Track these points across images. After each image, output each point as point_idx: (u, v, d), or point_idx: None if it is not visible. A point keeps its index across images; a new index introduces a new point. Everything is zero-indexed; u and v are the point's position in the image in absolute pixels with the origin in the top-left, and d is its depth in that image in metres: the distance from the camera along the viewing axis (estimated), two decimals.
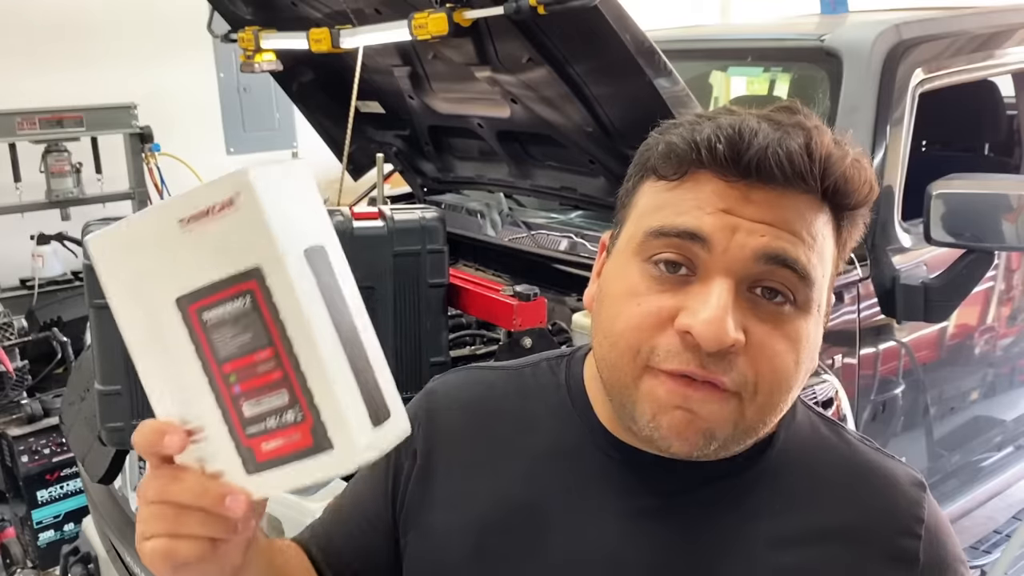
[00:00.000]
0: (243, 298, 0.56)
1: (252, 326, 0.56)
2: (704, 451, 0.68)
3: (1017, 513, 2.57)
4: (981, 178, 1.89)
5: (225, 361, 0.57)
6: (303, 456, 0.57)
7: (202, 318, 0.57)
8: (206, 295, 0.57)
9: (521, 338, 1.57)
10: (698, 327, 0.64)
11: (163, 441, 0.59)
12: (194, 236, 0.56)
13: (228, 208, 0.55)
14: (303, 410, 0.56)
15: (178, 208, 0.56)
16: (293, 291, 0.55)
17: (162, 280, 0.57)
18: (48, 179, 3.57)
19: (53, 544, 2.85)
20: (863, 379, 1.86)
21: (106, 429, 1.54)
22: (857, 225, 0.71)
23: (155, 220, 0.57)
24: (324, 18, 2.10)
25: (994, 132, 2.86)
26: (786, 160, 0.65)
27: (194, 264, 0.56)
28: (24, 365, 3.06)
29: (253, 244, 0.55)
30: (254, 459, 0.58)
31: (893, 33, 2.01)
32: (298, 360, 0.56)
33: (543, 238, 2.12)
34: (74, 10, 3.90)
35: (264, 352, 0.56)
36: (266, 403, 0.57)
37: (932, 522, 0.76)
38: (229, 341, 0.57)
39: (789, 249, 0.65)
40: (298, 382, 0.56)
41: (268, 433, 0.57)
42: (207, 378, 0.58)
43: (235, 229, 0.55)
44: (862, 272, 1.83)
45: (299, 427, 0.57)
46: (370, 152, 2.52)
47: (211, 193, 0.55)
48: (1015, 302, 2.37)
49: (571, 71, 1.71)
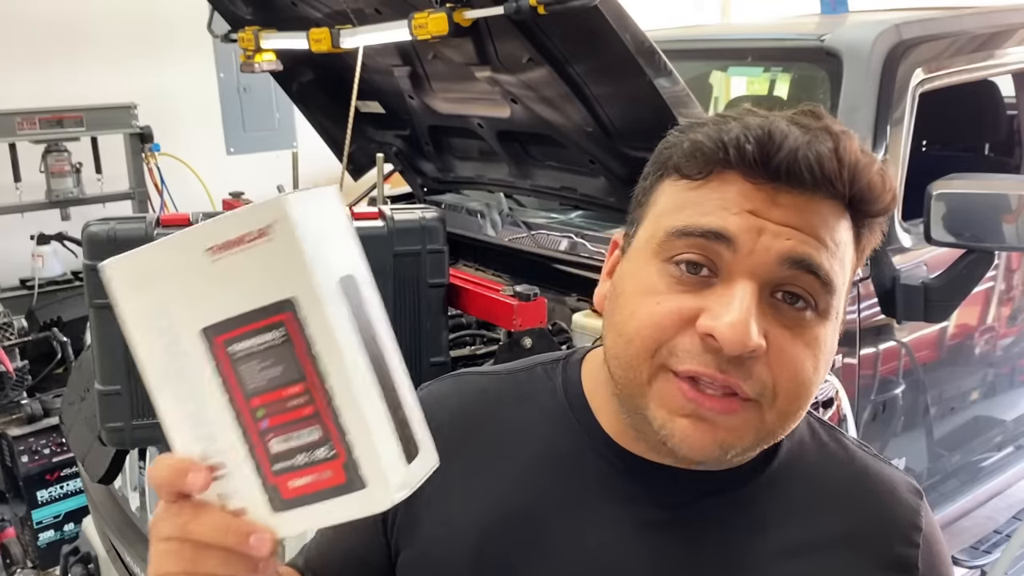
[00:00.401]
0: (275, 330, 0.54)
1: (284, 359, 0.54)
2: (720, 460, 0.68)
3: (1017, 513, 2.57)
4: (981, 178, 1.89)
5: (253, 395, 0.55)
6: (333, 494, 0.55)
7: (229, 350, 0.55)
8: (234, 327, 0.54)
9: (521, 338, 1.57)
10: (721, 330, 0.62)
11: (185, 479, 0.56)
12: (223, 265, 0.53)
13: (261, 238, 0.52)
14: (336, 447, 0.54)
15: (206, 236, 0.54)
16: (328, 324, 0.53)
17: (186, 310, 0.55)
18: (48, 179, 3.57)
19: (53, 544, 2.85)
20: (863, 379, 1.86)
21: (106, 429, 1.54)
22: (875, 233, 0.71)
23: (180, 248, 0.55)
24: (324, 18, 2.11)
25: (994, 132, 2.86)
26: (816, 164, 0.64)
27: (222, 294, 0.54)
28: (24, 365, 3.06)
29: (288, 276, 0.52)
30: (280, 497, 0.56)
31: (893, 33, 2.01)
32: (332, 395, 0.54)
33: (543, 238, 2.12)
34: (74, 10, 3.91)
35: (296, 386, 0.54)
36: (296, 439, 0.55)
37: (929, 531, 0.76)
38: (258, 374, 0.55)
39: (814, 255, 0.65)
40: (331, 418, 0.54)
41: (297, 470, 0.55)
42: (233, 412, 0.56)
43: (269, 260, 0.52)
44: (862, 272, 1.83)
45: (331, 464, 0.55)
46: (370, 152, 2.52)
47: (243, 222, 0.53)
48: (1015, 302, 2.37)
49: (571, 71, 1.71)
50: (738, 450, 0.67)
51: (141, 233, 1.48)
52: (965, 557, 2.30)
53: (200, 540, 0.56)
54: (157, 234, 1.49)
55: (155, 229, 1.52)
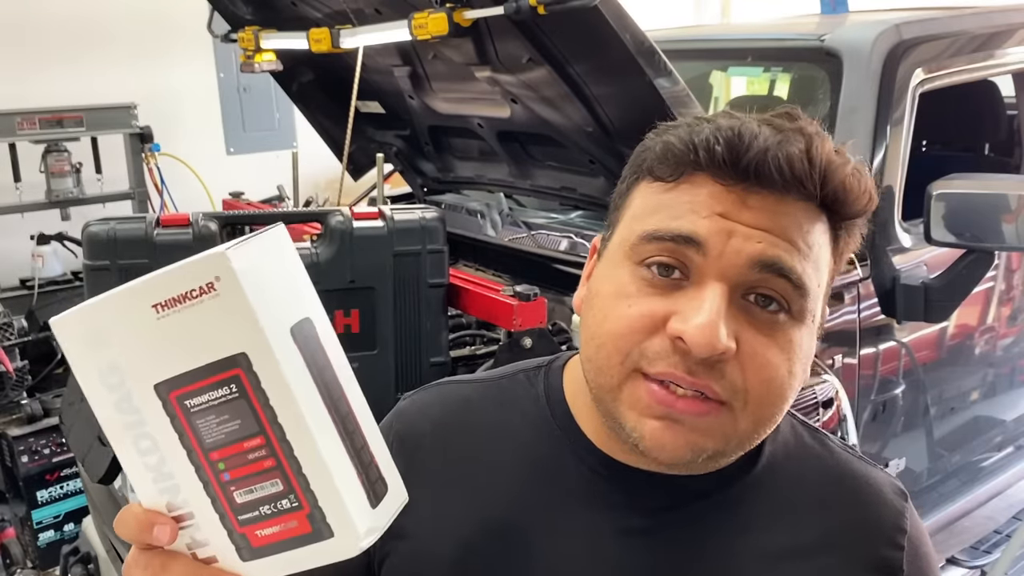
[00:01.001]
0: (228, 385, 0.52)
1: (240, 413, 0.53)
2: (692, 463, 0.67)
3: (1017, 513, 2.57)
4: (981, 178, 1.89)
5: (212, 449, 0.54)
6: (302, 543, 0.55)
7: (184, 405, 0.53)
8: (187, 382, 0.53)
9: (521, 338, 1.57)
10: (690, 332, 0.62)
11: (152, 532, 0.55)
12: (170, 322, 0.52)
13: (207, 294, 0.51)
14: (299, 498, 0.54)
15: (150, 293, 0.52)
16: (282, 377, 0.52)
17: (137, 366, 0.54)
18: (48, 179, 3.57)
19: (53, 544, 2.85)
20: (863, 379, 1.86)
21: None
22: (854, 235, 0.70)
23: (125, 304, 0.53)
24: (324, 18, 2.11)
25: (994, 132, 2.86)
26: (786, 164, 0.63)
27: (172, 350, 0.53)
28: (24, 365, 3.05)
29: (237, 331, 0.51)
30: (249, 546, 0.56)
31: (893, 33, 2.01)
32: (291, 447, 0.53)
33: (543, 238, 2.12)
34: (74, 10, 3.90)
35: (254, 440, 0.53)
36: (259, 491, 0.54)
37: (914, 532, 0.76)
38: (215, 428, 0.53)
39: (785, 258, 0.64)
40: (292, 469, 0.53)
41: (263, 520, 0.55)
42: (193, 466, 0.55)
43: (216, 315, 0.51)
44: (862, 272, 1.83)
45: (295, 515, 0.54)
46: (370, 152, 2.52)
47: (186, 277, 0.51)
48: (1015, 302, 2.37)
49: (571, 71, 1.71)
50: (708, 452, 0.66)
51: (141, 233, 1.48)
52: (965, 557, 2.30)
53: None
54: (157, 234, 1.49)
55: (155, 229, 1.52)
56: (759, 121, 0.66)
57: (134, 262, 1.42)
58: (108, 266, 1.44)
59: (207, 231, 1.47)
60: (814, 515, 0.74)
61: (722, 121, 0.66)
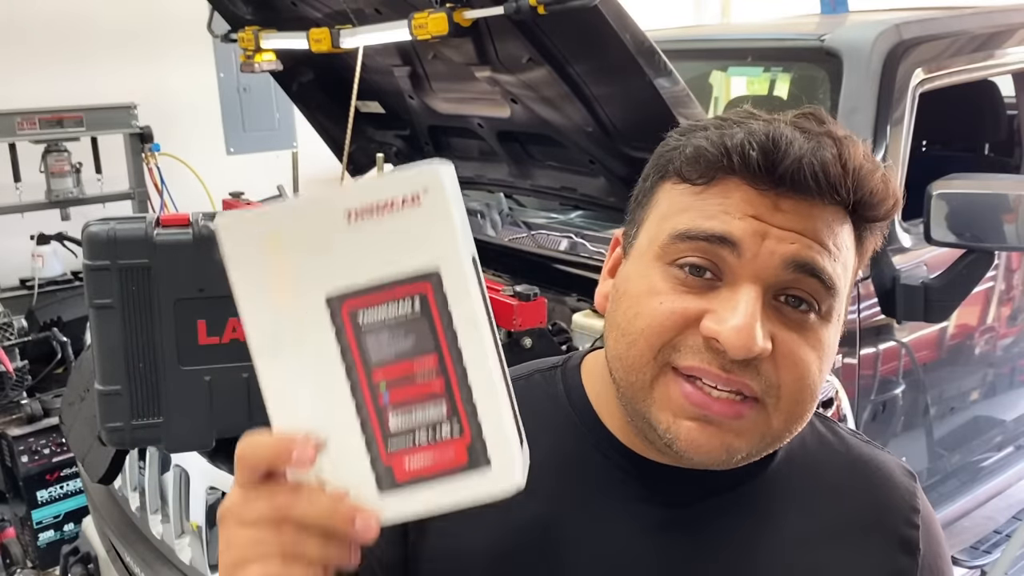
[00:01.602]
0: (411, 301, 0.51)
1: (417, 331, 0.52)
2: (727, 463, 0.68)
3: (1017, 513, 2.57)
4: (981, 178, 1.89)
5: (376, 367, 0.52)
6: (453, 475, 0.52)
7: (356, 319, 0.52)
8: (367, 294, 0.52)
9: (521, 338, 1.57)
10: (726, 334, 0.62)
11: (291, 454, 0.52)
12: (362, 231, 0.51)
13: (411, 204, 0.50)
14: (463, 425, 0.52)
15: (347, 199, 0.51)
16: (471, 298, 0.51)
17: (312, 275, 0.52)
18: (48, 179, 3.57)
19: (53, 544, 2.85)
20: (863, 379, 1.86)
21: (106, 429, 1.54)
22: (877, 236, 0.71)
23: (314, 210, 0.52)
24: (324, 18, 2.11)
25: (994, 132, 2.86)
26: (821, 171, 0.64)
27: (357, 261, 0.51)
28: (24, 365, 3.06)
29: (436, 245, 0.51)
30: (392, 477, 0.53)
31: (893, 33, 2.01)
32: (466, 371, 0.52)
33: (543, 238, 2.12)
34: (74, 10, 3.90)
35: (427, 360, 0.52)
36: (419, 415, 0.52)
37: (926, 512, 0.78)
38: (385, 346, 0.52)
39: (817, 259, 0.65)
40: (461, 396, 0.52)
41: (416, 448, 0.53)
42: (349, 384, 0.53)
43: (416, 227, 0.50)
44: (862, 272, 1.83)
45: (454, 443, 0.52)
46: (370, 152, 2.52)
47: (392, 187, 0.51)
48: (1015, 302, 2.37)
49: (571, 71, 1.71)
50: (744, 453, 0.67)
51: (141, 233, 1.48)
52: (965, 557, 2.30)
53: (304, 521, 0.52)
54: (157, 234, 1.49)
55: (155, 229, 1.52)
56: (790, 125, 0.66)
57: (134, 262, 1.42)
58: (108, 266, 1.44)
59: (207, 231, 1.47)
60: (831, 501, 0.76)
61: (754, 125, 0.66)
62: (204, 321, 1.41)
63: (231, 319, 1.41)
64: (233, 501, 0.54)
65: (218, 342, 1.42)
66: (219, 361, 1.43)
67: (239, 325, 0.55)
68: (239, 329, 1.47)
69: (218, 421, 1.45)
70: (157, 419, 1.48)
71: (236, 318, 0.59)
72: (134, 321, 1.44)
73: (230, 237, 0.53)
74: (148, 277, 1.40)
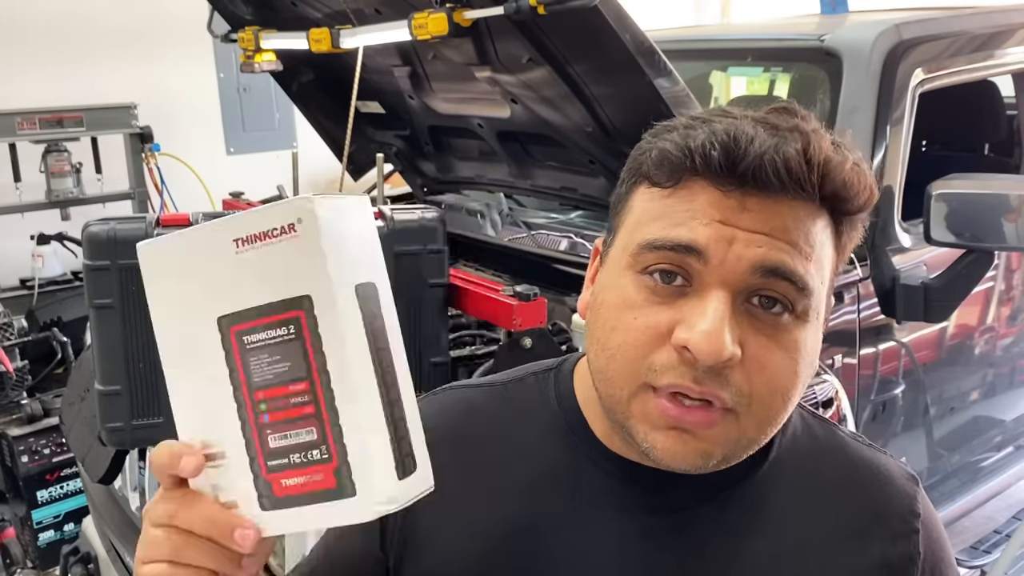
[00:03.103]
0: (287, 325, 0.55)
1: (292, 355, 0.55)
2: (704, 468, 0.68)
3: (1017, 513, 2.57)
4: (981, 178, 1.89)
5: (258, 388, 0.56)
6: (322, 498, 0.55)
7: (242, 340, 0.56)
8: (250, 318, 0.56)
9: (521, 338, 1.57)
10: (695, 340, 0.62)
11: (179, 463, 0.57)
12: (247, 257, 0.55)
13: (287, 234, 0.54)
14: (331, 449, 0.55)
15: (234, 228, 0.55)
16: (339, 325, 0.54)
17: (207, 297, 0.57)
18: (48, 179, 3.57)
19: (53, 544, 2.85)
20: (863, 379, 1.86)
21: (106, 429, 1.54)
22: (856, 229, 0.70)
23: (209, 237, 0.56)
24: (324, 18, 2.11)
25: (994, 132, 2.86)
26: (783, 168, 0.63)
27: (242, 285, 0.56)
28: (24, 365, 3.06)
29: (307, 272, 0.54)
30: (271, 494, 0.57)
31: (893, 33, 2.01)
32: (333, 396, 0.54)
33: (543, 238, 2.12)
34: (74, 10, 3.90)
35: (300, 384, 0.55)
36: (293, 437, 0.56)
37: (927, 515, 0.77)
38: (265, 368, 0.56)
39: (787, 260, 0.64)
40: (329, 419, 0.55)
41: (291, 468, 0.56)
42: (236, 403, 0.57)
43: (291, 255, 0.54)
44: (862, 272, 1.83)
45: (323, 467, 0.55)
46: (370, 152, 2.52)
47: (271, 217, 0.54)
48: (1015, 302, 2.37)
49: (571, 71, 1.71)
50: (719, 458, 0.67)
51: (141, 233, 1.48)
52: (965, 557, 2.30)
53: (187, 528, 0.57)
54: (157, 234, 1.49)
55: (155, 229, 1.52)
56: (755, 121, 0.66)
57: (134, 262, 1.42)
58: (108, 266, 1.44)
59: None
60: (827, 504, 0.75)
61: (717, 124, 0.66)
62: None
63: None
64: (151, 501, 0.60)
65: None
66: None
67: None
68: None
69: None
70: (157, 419, 1.48)
71: None
72: (134, 321, 1.44)
73: (145, 261, 0.59)
74: None
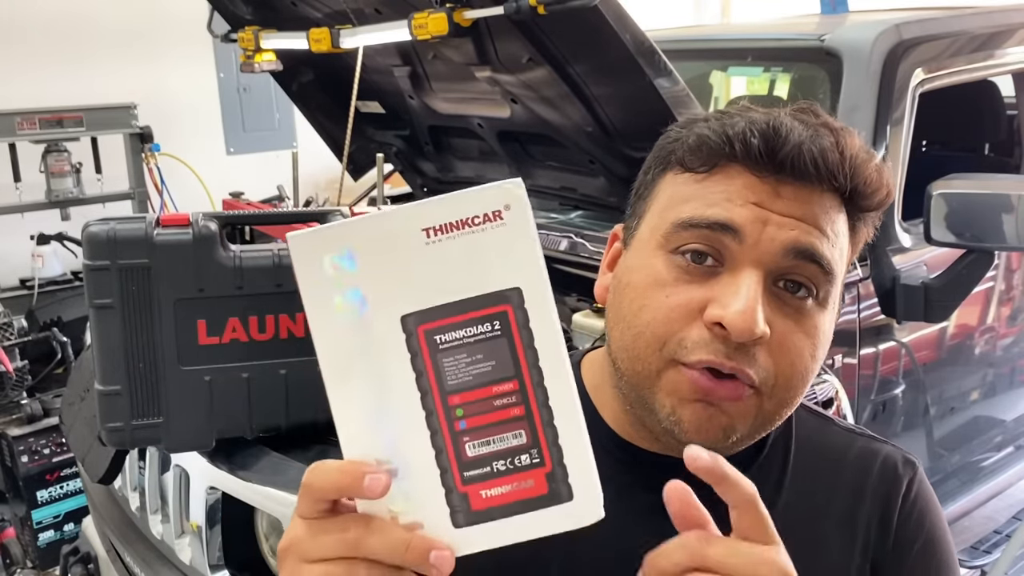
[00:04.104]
0: (492, 321, 0.49)
1: (497, 353, 0.49)
2: (723, 445, 0.69)
3: (1017, 513, 2.57)
4: (981, 178, 1.89)
5: (452, 392, 0.50)
6: (532, 507, 0.50)
7: (432, 340, 0.50)
8: (444, 315, 0.49)
9: None
10: (730, 317, 0.64)
11: (363, 483, 0.49)
12: (440, 248, 0.49)
13: (492, 221, 0.49)
14: (543, 452, 0.49)
15: (425, 216, 0.49)
16: (551, 315, 0.49)
17: (386, 294, 0.50)
18: (48, 179, 3.57)
19: (53, 544, 2.85)
20: (863, 379, 1.86)
21: (106, 429, 1.54)
22: (869, 226, 0.73)
23: (390, 226, 0.50)
24: (324, 18, 2.11)
25: (994, 132, 2.86)
26: (820, 158, 0.66)
27: (434, 280, 0.49)
28: (24, 365, 3.06)
29: (517, 263, 0.49)
30: (467, 508, 0.50)
31: (893, 33, 2.01)
32: (547, 394, 0.49)
33: (543, 238, 2.12)
34: (74, 10, 3.91)
35: (507, 384, 0.50)
36: (497, 443, 0.50)
37: (922, 499, 0.79)
38: (463, 369, 0.50)
39: (817, 244, 0.67)
40: (542, 420, 0.49)
41: (493, 478, 0.50)
42: (424, 411, 0.50)
43: (497, 245, 0.49)
44: (862, 272, 1.84)
45: (534, 472, 0.50)
46: (370, 152, 2.52)
47: (474, 203, 0.49)
48: (1015, 302, 2.37)
49: (571, 71, 1.71)
50: (739, 434, 0.69)
51: (141, 233, 1.48)
52: (965, 557, 2.30)
53: (376, 557, 0.49)
54: (157, 234, 1.49)
55: (155, 229, 1.52)
56: (788, 116, 0.69)
57: (134, 262, 1.42)
58: (108, 266, 1.44)
59: (207, 231, 1.47)
60: (824, 491, 0.78)
61: (754, 115, 0.69)
62: (204, 321, 1.41)
63: (231, 319, 1.41)
64: (297, 535, 0.51)
65: (218, 342, 1.42)
66: (219, 361, 1.43)
67: (239, 325, 0.54)
68: (239, 329, 1.48)
69: (218, 421, 1.45)
70: (157, 419, 1.47)
71: (236, 318, 0.58)
72: (134, 321, 1.44)
73: (301, 254, 0.50)
74: (148, 277, 1.40)
